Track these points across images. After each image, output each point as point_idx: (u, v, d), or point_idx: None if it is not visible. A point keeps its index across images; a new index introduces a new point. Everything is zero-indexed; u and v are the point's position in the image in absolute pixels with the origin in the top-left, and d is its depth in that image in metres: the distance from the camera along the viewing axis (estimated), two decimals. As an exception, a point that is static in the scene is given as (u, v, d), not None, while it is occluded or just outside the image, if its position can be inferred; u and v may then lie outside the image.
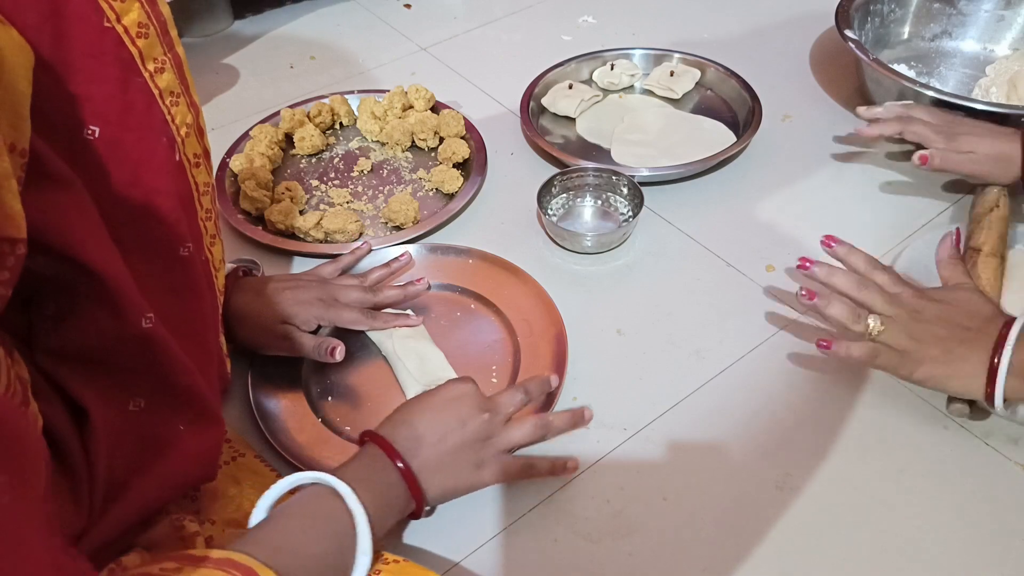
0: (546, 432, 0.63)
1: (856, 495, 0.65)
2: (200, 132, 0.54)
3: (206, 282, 0.57)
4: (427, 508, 0.60)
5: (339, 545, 0.49)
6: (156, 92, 0.48)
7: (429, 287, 0.79)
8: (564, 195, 0.91)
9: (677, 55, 1.10)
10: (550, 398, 0.70)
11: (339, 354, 0.69)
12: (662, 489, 0.66)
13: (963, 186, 0.93)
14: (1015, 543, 0.62)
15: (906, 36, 1.13)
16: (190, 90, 0.52)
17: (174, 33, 0.50)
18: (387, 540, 0.62)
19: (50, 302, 0.45)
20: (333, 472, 0.52)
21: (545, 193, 0.88)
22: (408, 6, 1.32)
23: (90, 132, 0.44)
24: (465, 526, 0.64)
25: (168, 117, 0.50)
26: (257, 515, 0.50)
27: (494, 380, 0.73)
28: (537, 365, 0.73)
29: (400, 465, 0.55)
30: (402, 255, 0.82)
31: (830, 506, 0.64)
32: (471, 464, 0.59)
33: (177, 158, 0.51)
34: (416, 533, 0.63)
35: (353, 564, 0.49)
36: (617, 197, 0.91)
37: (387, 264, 0.81)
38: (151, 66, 0.48)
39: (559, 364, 0.72)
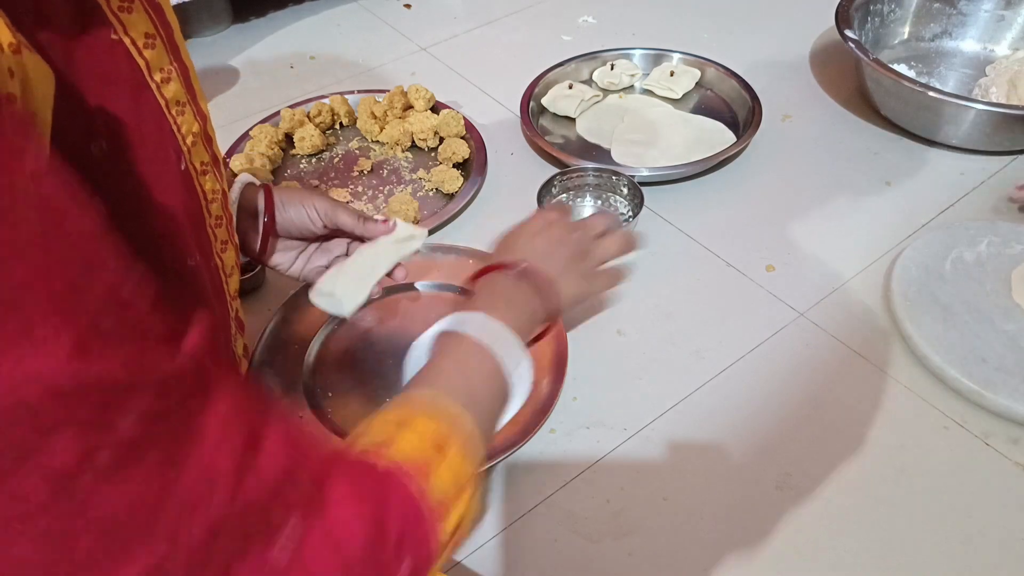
0: (632, 243, 0.68)
1: (856, 495, 0.65)
2: (208, 140, 0.54)
3: (213, 290, 0.57)
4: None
5: (496, 379, 0.52)
6: (163, 102, 0.48)
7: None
8: (564, 195, 0.91)
9: (677, 55, 1.10)
10: (549, 398, 0.70)
11: (390, 223, 0.70)
12: (662, 489, 0.66)
13: (962, 187, 0.93)
14: (1015, 543, 0.62)
15: (906, 36, 1.13)
16: (197, 98, 0.52)
17: (179, 41, 0.49)
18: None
19: None
20: (458, 312, 0.54)
21: (545, 193, 0.88)
22: (408, 6, 1.32)
23: (97, 147, 0.44)
24: (465, 526, 0.64)
25: (174, 127, 0.49)
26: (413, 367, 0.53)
27: (494, 380, 0.73)
28: (537, 365, 0.72)
29: (523, 266, 0.59)
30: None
31: (830, 506, 0.64)
32: (579, 275, 0.64)
33: (183, 167, 0.51)
34: (416, 533, 0.63)
35: (513, 375, 0.53)
36: (617, 197, 0.91)
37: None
38: (158, 77, 0.47)
39: (559, 364, 0.72)
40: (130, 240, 0.46)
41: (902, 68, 1.06)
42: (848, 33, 0.99)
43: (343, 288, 0.68)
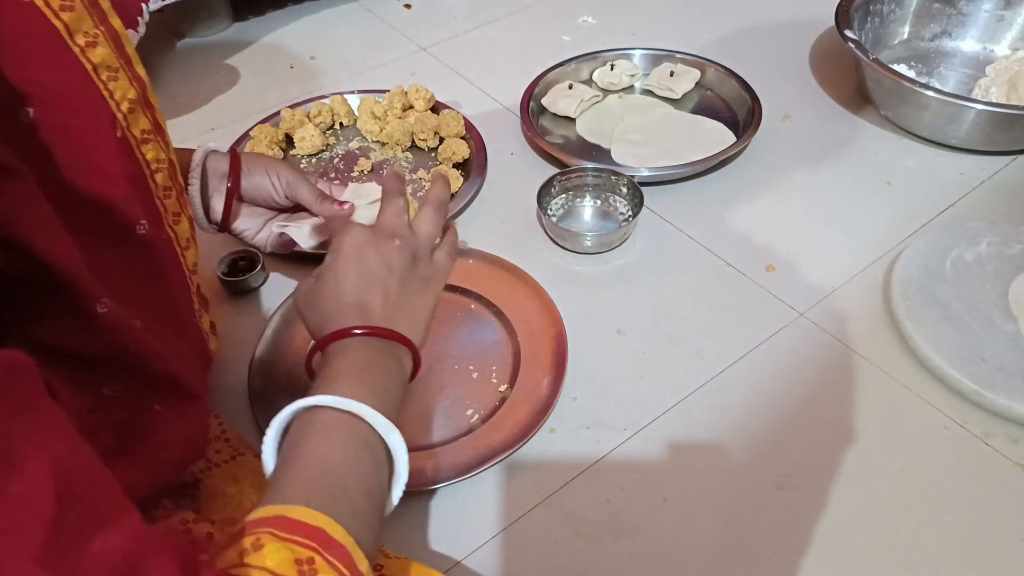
0: (441, 208, 0.63)
1: (856, 495, 0.65)
2: (148, 106, 0.53)
3: (171, 262, 0.56)
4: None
5: (369, 450, 0.47)
6: (90, 67, 0.47)
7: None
8: (564, 195, 0.91)
9: (677, 55, 1.10)
10: (549, 398, 0.70)
11: (347, 207, 0.68)
12: (662, 489, 0.66)
13: (962, 187, 0.93)
14: (1015, 543, 0.62)
15: (906, 36, 1.13)
16: (133, 64, 0.51)
17: (106, 5, 0.48)
18: (388, 539, 0.63)
19: (17, 295, 0.44)
20: (318, 392, 0.49)
21: (545, 193, 0.88)
22: (408, 6, 1.32)
23: (25, 115, 0.43)
24: (465, 526, 0.64)
25: (105, 93, 0.48)
26: (269, 461, 0.47)
27: (494, 380, 0.73)
28: (537, 365, 0.73)
29: (359, 332, 0.52)
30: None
31: (830, 506, 0.64)
32: (420, 286, 0.58)
33: (119, 135, 0.49)
34: (417, 532, 0.63)
35: (391, 463, 0.49)
36: (617, 197, 0.91)
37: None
38: (81, 40, 0.46)
39: (559, 364, 0.72)
40: (73, 210, 0.46)
41: (902, 68, 1.06)
42: (848, 33, 0.99)
43: (311, 225, 0.70)
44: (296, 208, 0.74)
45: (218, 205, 0.69)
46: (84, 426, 0.47)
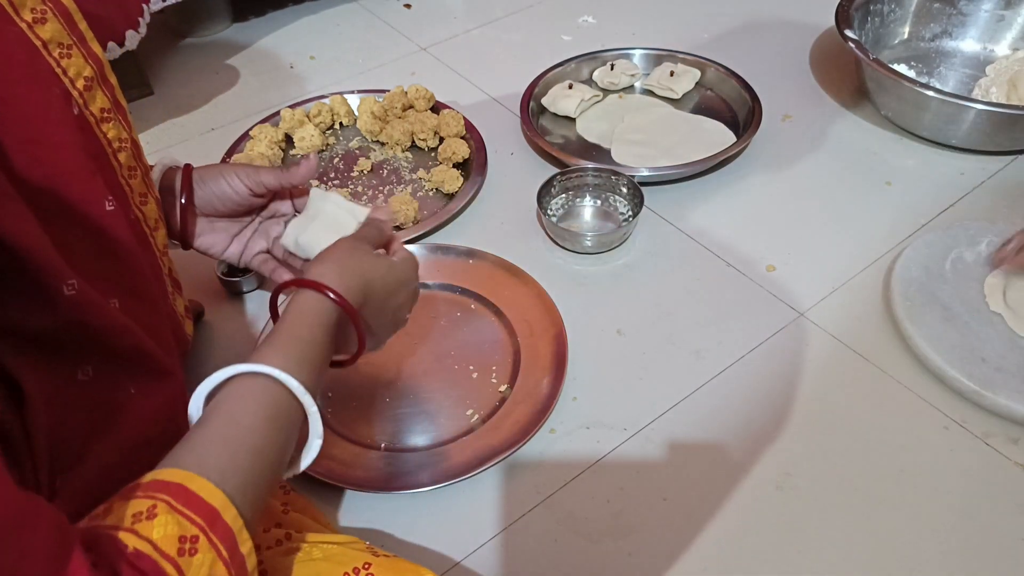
0: None
1: (856, 495, 0.65)
2: (106, 84, 0.52)
3: (139, 244, 0.56)
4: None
5: (283, 426, 0.46)
6: (39, 43, 0.46)
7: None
8: (564, 195, 0.91)
9: (677, 55, 1.10)
10: (549, 398, 0.70)
11: (312, 157, 0.67)
12: (662, 489, 0.66)
13: (962, 187, 0.93)
14: (1015, 543, 0.62)
15: (906, 36, 1.13)
16: (87, 41, 0.50)
17: None
18: (386, 539, 0.63)
19: None
20: (264, 355, 0.47)
21: (545, 193, 0.88)
22: (408, 6, 1.32)
23: None
24: (465, 526, 0.64)
25: (58, 70, 0.48)
26: (194, 411, 0.46)
27: (494, 380, 0.73)
28: (537, 365, 0.73)
29: (333, 297, 0.52)
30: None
31: (830, 506, 0.64)
32: (381, 336, 0.61)
33: (76, 112, 0.49)
34: (416, 532, 0.63)
35: (305, 443, 0.48)
36: (617, 197, 0.91)
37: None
38: (28, 16, 0.46)
39: (559, 364, 0.72)
40: (35, 190, 0.45)
41: (902, 68, 1.06)
42: (848, 33, 0.99)
43: (311, 236, 0.66)
44: (260, 208, 0.71)
45: (175, 222, 0.68)
46: (60, 411, 0.46)
